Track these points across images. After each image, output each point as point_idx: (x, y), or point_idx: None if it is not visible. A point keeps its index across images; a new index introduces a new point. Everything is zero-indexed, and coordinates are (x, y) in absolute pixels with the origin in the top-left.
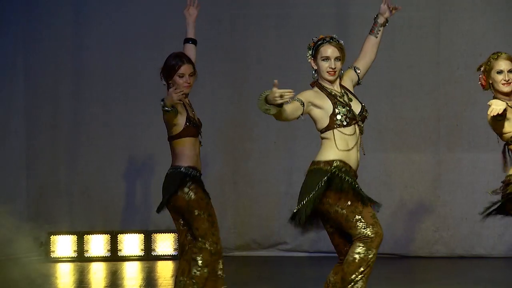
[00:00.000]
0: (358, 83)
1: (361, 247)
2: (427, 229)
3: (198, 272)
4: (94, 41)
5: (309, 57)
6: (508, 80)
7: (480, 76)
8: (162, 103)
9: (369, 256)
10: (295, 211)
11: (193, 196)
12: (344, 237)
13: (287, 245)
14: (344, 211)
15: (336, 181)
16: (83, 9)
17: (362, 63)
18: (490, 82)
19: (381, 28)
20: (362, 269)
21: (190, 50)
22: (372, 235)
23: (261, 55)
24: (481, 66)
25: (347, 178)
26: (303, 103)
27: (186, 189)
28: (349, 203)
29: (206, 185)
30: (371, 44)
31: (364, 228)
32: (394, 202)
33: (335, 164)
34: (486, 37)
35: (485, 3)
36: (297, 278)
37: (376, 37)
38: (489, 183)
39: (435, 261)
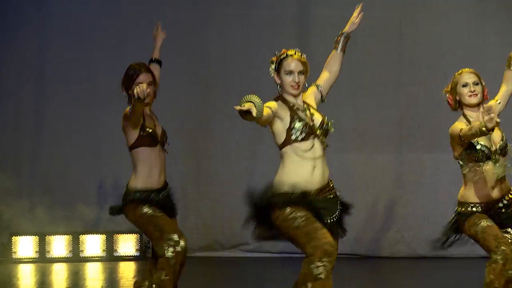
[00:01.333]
0: (322, 101)
1: (305, 262)
2: (389, 230)
3: (156, 276)
4: (56, 41)
5: (272, 71)
6: (474, 91)
7: (447, 96)
8: (134, 95)
9: (313, 270)
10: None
11: (143, 211)
12: None
13: (249, 246)
14: (293, 232)
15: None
16: (45, 10)
17: (326, 81)
18: (457, 98)
19: (346, 44)
20: (308, 283)
21: (155, 70)
22: (311, 250)
23: (224, 55)
24: (447, 88)
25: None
26: (273, 112)
27: (133, 205)
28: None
29: (169, 185)
30: (336, 61)
31: (321, 244)
32: (356, 203)
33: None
34: (449, 37)
35: (448, 3)
36: (259, 279)
37: (343, 53)
38: (451, 184)
39: (397, 262)
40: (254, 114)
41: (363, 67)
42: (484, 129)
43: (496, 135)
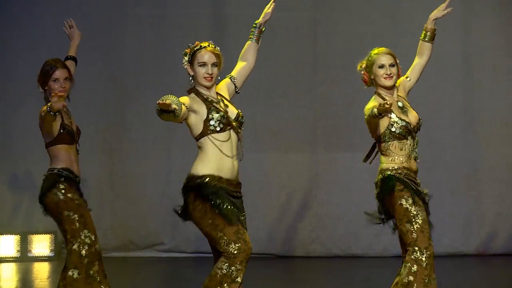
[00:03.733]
0: (236, 92)
1: (224, 263)
2: (304, 229)
3: (67, 275)
4: None
5: (186, 63)
6: (390, 74)
7: (362, 72)
8: (47, 108)
9: (232, 273)
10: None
11: (61, 197)
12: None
13: (164, 246)
14: (207, 229)
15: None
16: None
17: (240, 71)
18: (372, 77)
19: (260, 35)
20: (225, 285)
21: (71, 66)
22: (235, 252)
23: (139, 55)
24: (362, 63)
25: (216, 200)
26: (187, 108)
27: (55, 190)
28: (210, 221)
29: (83, 186)
30: (251, 51)
31: (226, 245)
32: (271, 202)
33: (207, 180)
34: (363, 37)
35: (362, 3)
36: (175, 279)
37: (258, 43)
38: (366, 183)
39: (312, 261)
40: (175, 110)
41: (278, 67)
42: (375, 111)
43: (412, 115)
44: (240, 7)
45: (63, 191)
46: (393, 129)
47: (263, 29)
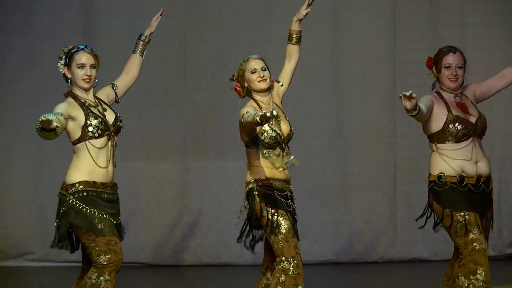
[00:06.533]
0: (116, 101)
1: (94, 273)
2: (175, 238)
3: None
4: None
5: (62, 66)
6: (263, 76)
7: (235, 84)
8: None
9: (101, 283)
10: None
11: None
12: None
13: (34, 255)
14: (81, 238)
15: (72, 215)
16: None
17: (123, 81)
18: (246, 85)
19: (145, 47)
20: None
21: None
22: (105, 263)
23: (8, 62)
24: (233, 75)
25: (85, 209)
26: (65, 117)
27: None
28: (84, 230)
29: None
30: (135, 63)
31: (97, 256)
32: (141, 211)
33: (73, 189)
34: (232, 45)
35: (231, 12)
36: None
37: (142, 56)
38: (236, 191)
39: (182, 270)
40: (56, 127)
41: (148, 74)
42: (257, 119)
43: (284, 125)
44: (110, 16)
45: None
46: (262, 138)
47: (148, 41)
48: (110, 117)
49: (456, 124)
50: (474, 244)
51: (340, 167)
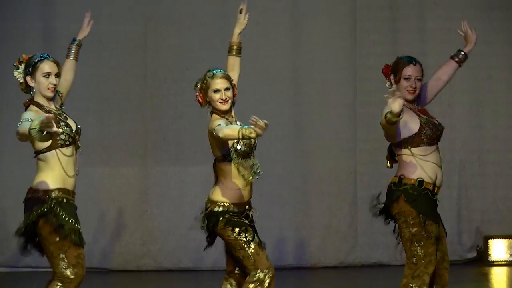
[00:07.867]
0: (61, 106)
1: (59, 286)
2: (135, 243)
3: None
4: None
5: (21, 75)
6: (226, 98)
7: (197, 93)
8: None
9: None
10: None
11: None
12: None
13: None
14: (51, 246)
15: (51, 217)
16: None
17: (64, 87)
18: (208, 100)
19: (78, 52)
20: None
21: None
22: (72, 276)
23: None
24: (197, 83)
25: (63, 215)
26: None
27: None
28: (57, 239)
29: None
30: (70, 68)
31: (65, 268)
32: (101, 216)
33: (53, 194)
34: (191, 51)
35: (191, 17)
36: None
37: (76, 60)
38: (196, 196)
39: (143, 275)
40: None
41: (107, 80)
42: (252, 135)
43: None
44: (70, 21)
45: None
46: (238, 147)
47: (81, 45)
48: (72, 125)
49: (431, 126)
50: (432, 257)
51: (300, 172)
